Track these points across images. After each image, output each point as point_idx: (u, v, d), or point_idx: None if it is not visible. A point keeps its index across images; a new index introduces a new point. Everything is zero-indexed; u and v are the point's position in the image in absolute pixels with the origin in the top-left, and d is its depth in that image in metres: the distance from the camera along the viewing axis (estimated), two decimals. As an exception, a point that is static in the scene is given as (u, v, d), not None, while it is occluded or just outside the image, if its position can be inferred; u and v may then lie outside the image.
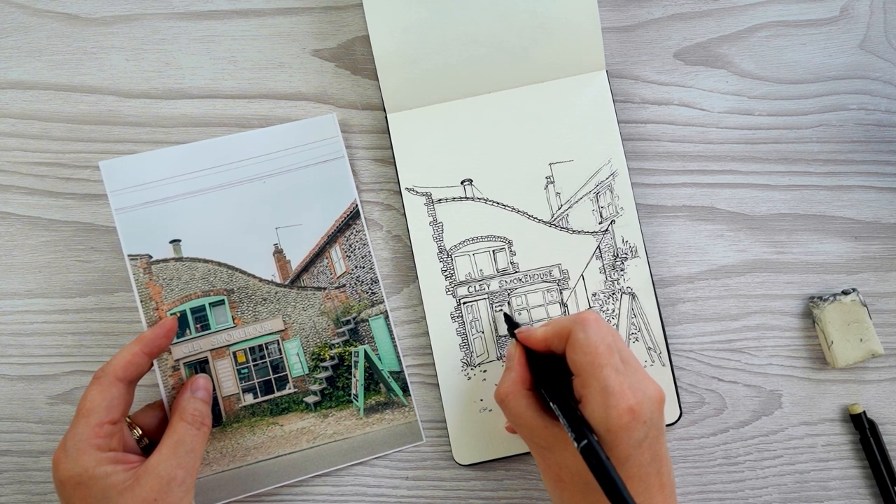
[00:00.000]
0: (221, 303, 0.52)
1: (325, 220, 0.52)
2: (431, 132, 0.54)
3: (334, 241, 0.52)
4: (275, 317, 0.52)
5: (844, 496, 0.53)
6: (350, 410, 0.52)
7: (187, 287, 0.51)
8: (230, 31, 0.56)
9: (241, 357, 0.52)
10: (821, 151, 0.55)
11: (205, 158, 0.52)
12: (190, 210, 0.51)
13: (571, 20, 0.53)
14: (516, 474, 0.53)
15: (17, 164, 0.55)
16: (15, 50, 0.56)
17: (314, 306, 0.52)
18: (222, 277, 0.52)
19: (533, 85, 0.54)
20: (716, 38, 0.56)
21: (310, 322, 0.52)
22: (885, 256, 0.55)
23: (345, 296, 0.52)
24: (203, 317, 0.52)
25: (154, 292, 0.51)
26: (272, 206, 0.52)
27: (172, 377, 0.51)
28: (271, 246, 0.52)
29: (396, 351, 0.52)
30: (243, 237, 0.52)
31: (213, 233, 0.51)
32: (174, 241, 0.51)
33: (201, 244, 0.52)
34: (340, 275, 0.52)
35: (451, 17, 0.53)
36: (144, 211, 0.51)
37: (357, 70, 0.56)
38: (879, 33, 0.56)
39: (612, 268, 0.53)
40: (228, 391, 0.51)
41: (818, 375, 0.54)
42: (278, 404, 0.52)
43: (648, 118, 0.55)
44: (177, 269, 0.51)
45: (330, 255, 0.52)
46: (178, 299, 0.52)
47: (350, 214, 0.52)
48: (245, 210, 0.52)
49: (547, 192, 0.54)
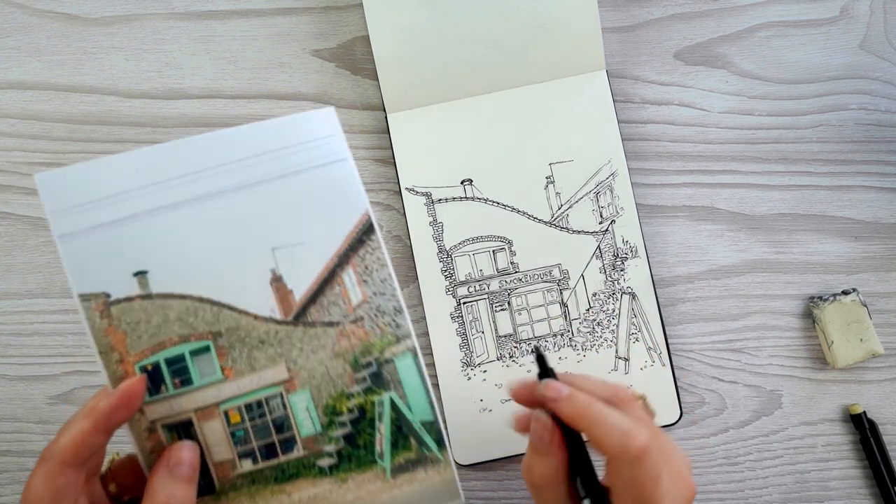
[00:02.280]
0: (206, 350, 0.40)
1: (334, 237, 0.41)
2: (431, 132, 0.54)
3: (346, 263, 0.41)
4: (276, 363, 0.40)
5: (844, 496, 0.53)
6: (374, 472, 0.41)
7: (160, 332, 0.39)
8: (230, 31, 0.56)
9: (235, 417, 0.40)
10: (821, 151, 0.55)
11: (176, 164, 0.39)
12: (158, 231, 0.39)
13: (571, 20, 0.53)
14: (516, 474, 0.53)
15: (17, 164, 0.55)
16: (15, 50, 0.56)
17: (326, 347, 0.41)
18: (205, 317, 0.40)
19: (533, 85, 0.54)
20: (716, 38, 0.56)
21: (321, 367, 0.41)
22: (885, 256, 0.55)
23: (363, 331, 0.41)
24: (183, 369, 0.39)
25: (116, 341, 0.39)
26: (266, 221, 0.40)
27: (150, 440, 0.39)
28: (268, 272, 0.40)
29: (429, 395, 0.41)
30: (231, 263, 0.40)
31: (191, 259, 0.39)
32: (139, 274, 0.39)
33: (175, 275, 0.39)
34: (357, 305, 0.41)
35: (451, 18, 0.53)
36: (98, 236, 0.38)
37: (357, 70, 0.56)
38: (879, 33, 0.56)
39: (613, 268, 0.53)
40: (220, 457, 0.40)
41: (818, 375, 0.54)
42: (285, 470, 0.41)
43: (648, 118, 0.55)
44: (144, 309, 0.39)
45: (342, 281, 0.41)
46: (148, 348, 0.39)
47: (363, 228, 0.41)
48: (232, 228, 0.40)
49: (547, 192, 0.54)
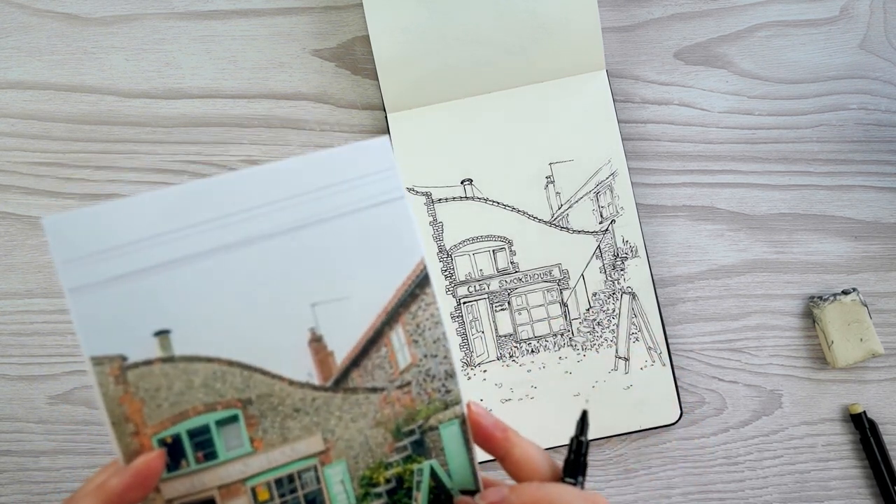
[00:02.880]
0: (234, 419, 0.36)
1: (383, 290, 0.36)
2: (431, 132, 0.54)
3: (396, 320, 0.36)
4: (312, 434, 0.36)
5: (844, 496, 0.53)
6: None
7: (182, 399, 0.35)
8: (230, 31, 0.56)
9: (264, 494, 0.36)
10: (821, 151, 0.55)
11: (203, 207, 0.34)
12: (183, 285, 0.34)
13: (571, 20, 0.53)
14: (516, 474, 0.53)
15: (17, 164, 0.55)
16: (15, 50, 0.56)
17: (367, 415, 0.36)
18: (234, 382, 0.35)
19: (533, 85, 0.54)
20: (716, 38, 0.56)
21: (360, 437, 0.36)
22: (885, 256, 0.55)
23: (409, 398, 0.36)
24: (207, 441, 0.35)
25: (132, 410, 0.34)
26: (305, 272, 0.35)
27: None
28: (306, 332, 0.35)
29: (473, 465, 0.37)
30: (264, 321, 0.35)
31: (219, 317, 0.35)
32: (161, 333, 0.34)
33: (201, 335, 0.35)
34: (405, 368, 0.36)
35: (451, 17, 0.53)
36: (115, 289, 0.34)
37: (357, 70, 0.56)
38: (879, 33, 0.56)
39: (613, 267, 0.53)
40: None
41: (818, 375, 0.54)
42: None
43: (648, 118, 0.55)
44: (166, 374, 0.35)
45: (390, 342, 0.36)
46: (168, 418, 0.35)
47: (417, 280, 0.36)
48: (266, 280, 0.35)
49: (547, 191, 0.54)
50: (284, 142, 0.55)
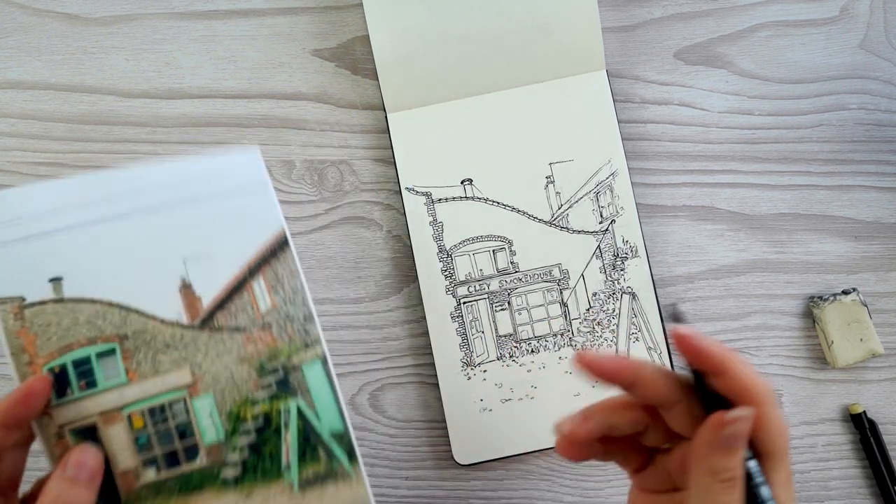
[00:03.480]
0: (112, 352, 0.40)
1: (246, 250, 0.42)
2: (431, 132, 0.54)
3: (257, 273, 0.42)
4: (180, 367, 0.41)
5: (844, 496, 0.53)
6: (281, 485, 0.40)
7: (68, 334, 0.40)
8: (230, 31, 0.56)
9: (139, 421, 0.40)
10: (821, 151, 0.55)
11: (101, 189, 0.42)
12: (76, 245, 0.41)
13: (571, 20, 0.53)
14: (516, 474, 0.53)
15: (17, 164, 0.55)
16: (15, 50, 0.56)
17: (231, 352, 0.41)
18: (113, 320, 0.40)
19: (533, 85, 0.54)
20: (716, 38, 0.56)
21: (226, 372, 0.41)
22: (885, 256, 0.55)
23: (271, 337, 0.41)
24: (88, 371, 0.40)
25: (27, 343, 0.40)
26: (181, 235, 0.42)
27: (58, 446, 0.39)
28: (177, 280, 0.41)
29: (339, 405, 0.41)
30: (142, 271, 0.41)
31: (105, 269, 0.41)
32: (54, 280, 0.40)
33: (88, 283, 0.40)
34: (265, 312, 0.42)
35: (451, 17, 0.53)
36: (21, 247, 0.40)
37: (357, 70, 0.56)
38: (879, 33, 0.56)
39: (613, 267, 0.53)
40: (124, 465, 0.40)
41: (818, 375, 0.54)
42: (188, 480, 0.40)
43: (648, 118, 0.56)
44: (56, 312, 0.40)
45: (252, 290, 0.42)
46: (56, 350, 0.40)
47: (278, 242, 0.42)
48: (146, 241, 0.41)
49: (547, 191, 0.54)
50: (284, 142, 0.55)
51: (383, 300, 0.54)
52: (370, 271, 0.54)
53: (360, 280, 0.54)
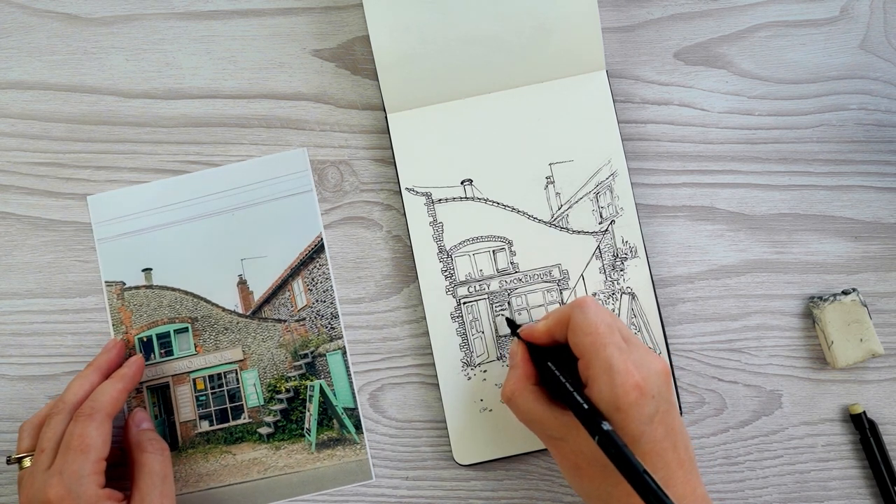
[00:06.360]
0: (185, 330, 0.53)
1: (290, 253, 0.53)
2: (431, 132, 0.54)
3: (297, 274, 0.53)
4: (235, 346, 0.53)
5: (844, 496, 0.53)
6: (302, 444, 0.52)
7: (155, 313, 0.53)
8: (230, 31, 0.56)
9: (200, 384, 0.53)
10: (821, 151, 0.55)
11: (180, 192, 0.54)
12: (162, 241, 0.53)
13: (571, 20, 0.53)
14: (516, 474, 0.53)
15: (17, 164, 0.55)
16: (15, 50, 0.56)
17: (273, 338, 0.53)
18: (188, 305, 0.53)
19: (533, 85, 0.54)
20: (716, 38, 0.56)
21: (268, 353, 0.53)
22: (885, 256, 0.55)
23: (304, 329, 0.53)
24: (167, 343, 0.53)
25: (125, 317, 0.53)
26: (239, 237, 0.53)
27: (136, 399, 0.53)
28: (236, 276, 0.53)
29: (352, 387, 0.53)
30: (210, 267, 0.53)
31: (182, 263, 0.53)
32: (146, 270, 0.53)
33: (171, 273, 0.53)
34: (301, 308, 0.53)
35: (451, 17, 0.53)
36: (122, 241, 0.54)
37: (357, 70, 0.56)
38: (879, 33, 0.56)
39: (612, 268, 0.53)
40: (186, 417, 0.53)
41: (818, 375, 0.54)
42: (232, 433, 0.53)
43: (648, 118, 0.55)
44: (146, 295, 0.53)
45: (292, 288, 0.53)
46: (145, 324, 0.53)
47: (314, 248, 0.53)
48: (213, 241, 0.53)
49: (547, 192, 0.54)
50: (284, 142, 0.55)
51: (383, 300, 0.54)
52: (370, 271, 0.54)
53: (360, 280, 0.54)
